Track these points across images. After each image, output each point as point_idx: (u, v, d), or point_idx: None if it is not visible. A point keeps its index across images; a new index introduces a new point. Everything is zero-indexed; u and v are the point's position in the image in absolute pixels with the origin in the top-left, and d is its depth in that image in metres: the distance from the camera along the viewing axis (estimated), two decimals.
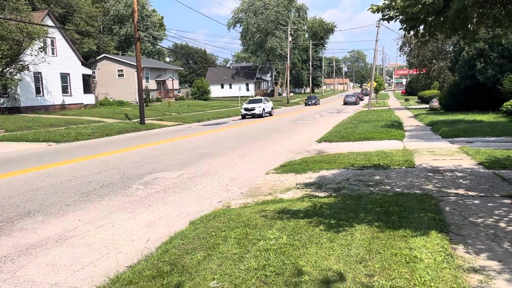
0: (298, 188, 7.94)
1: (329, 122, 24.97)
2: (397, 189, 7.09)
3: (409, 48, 37.06)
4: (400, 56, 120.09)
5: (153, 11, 66.87)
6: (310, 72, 79.86)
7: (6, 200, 7.64)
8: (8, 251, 5.13)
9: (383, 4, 5.76)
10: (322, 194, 7.12)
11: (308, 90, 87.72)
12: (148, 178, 9.61)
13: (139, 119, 26.94)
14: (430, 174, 8.19)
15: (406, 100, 54.05)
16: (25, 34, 29.08)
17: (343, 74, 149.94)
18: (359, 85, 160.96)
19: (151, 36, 60.93)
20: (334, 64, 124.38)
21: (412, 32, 5.59)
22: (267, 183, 8.84)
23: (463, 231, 4.77)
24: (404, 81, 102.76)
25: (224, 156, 12.91)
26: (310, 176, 8.95)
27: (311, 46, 77.96)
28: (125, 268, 4.49)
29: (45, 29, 30.81)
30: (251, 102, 34.17)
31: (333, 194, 7.00)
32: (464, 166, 8.86)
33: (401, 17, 5.58)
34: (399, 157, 10.23)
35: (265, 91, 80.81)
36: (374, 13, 5.88)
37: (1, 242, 5.45)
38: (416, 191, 6.84)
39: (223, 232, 5.00)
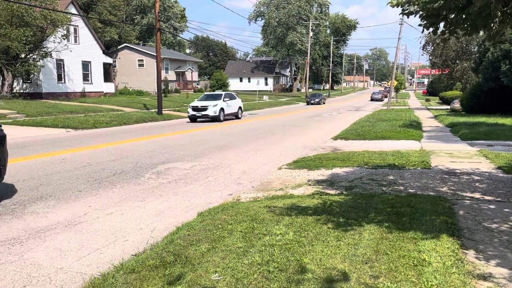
0: (310, 185, 7.86)
1: (346, 120, 24.72)
2: (411, 190, 6.94)
3: (432, 47, 36.35)
4: (422, 55, 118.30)
5: (175, 2, 67.09)
6: (330, 68, 79.14)
7: (21, 183, 7.76)
8: (18, 234, 5.20)
9: None
10: (333, 192, 7.02)
11: (328, 86, 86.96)
12: (160, 168, 9.65)
13: (156, 109, 27.14)
14: (446, 176, 8.00)
15: (427, 100, 53.12)
16: (49, 21, 29.53)
17: (364, 72, 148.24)
18: (379, 83, 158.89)
19: (172, 27, 61.19)
20: (355, 61, 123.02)
21: (431, 29, 5.43)
22: (279, 178, 8.78)
23: (475, 236, 4.64)
24: (426, 81, 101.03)
25: (238, 149, 12.88)
26: (323, 173, 8.85)
27: (332, 42, 77.17)
28: (130, 256, 4.50)
29: (69, 16, 31.23)
30: (204, 98, 24.60)
31: (345, 192, 6.90)
32: (482, 169, 8.63)
33: (421, 12, 5.43)
34: (415, 157, 10.03)
35: (283, 86, 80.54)
36: (393, 7, 5.73)
37: (12, 225, 5.53)
38: (430, 193, 6.69)
39: (229, 225, 4.96)
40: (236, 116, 25.61)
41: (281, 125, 21.47)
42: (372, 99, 57.58)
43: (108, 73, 41.13)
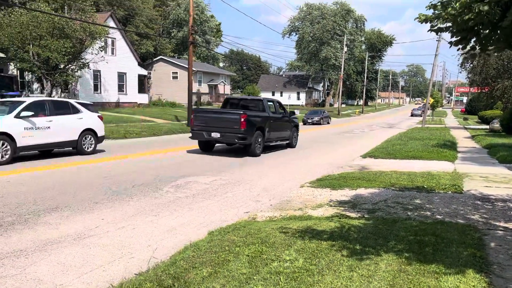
0: (331, 206, 7.51)
1: (378, 137, 24.05)
2: (438, 216, 6.48)
3: (471, 65, 35.08)
4: (460, 72, 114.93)
5: (211, 16, 68.22)
6: (364, 84, 78.02)
7: (41, 192, 7.80)
8: (26, 245, 5.14)
9: (433, 14, 5.28)
10: (354, 215, 6.66)
11: (361, 102, 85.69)
12: (181, 181, 9.53)
13: (187, 121, 27.34)
14: (479, 202, 7.46)
15: (465, 119, 51.29)
16: (87, 34, 30.53)
17: (400, 88, 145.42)
18: (414, 100, 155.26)
19: (208, 42, 62.13)
20: (390, 77, 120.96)
21: (460, 46, 5.06)
22: (300, 196, 8.47)
23: (506, 273, 4.19)
24: (464, 99, 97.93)
25: (262, 164, 12.65)
26: (346, 194, 8.48)
27: (367, 58, 76.20)
28: (133, 275, 4.33)
29: (107, 29, 32.18)
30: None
31: (366, 216, 6.52)
32: None
33: (451, 28, 5.08)
34: (446, 180, 9.49)
35: (316, 100, 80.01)
36: (421, 23, 5.41)
37: (22, 236, 5.49)
38: (459, 221, 6.21)
39: (237, 247, 4.71)
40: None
41: (309, 141, 21.09)
42: (412, 115, 63.43)
43: (143, 85, 42.04)
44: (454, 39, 5.11)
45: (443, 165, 12.47)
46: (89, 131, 13.17)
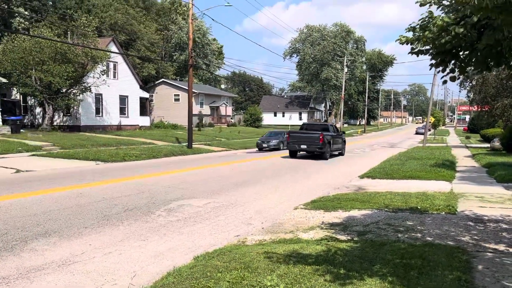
0: (322, 228, 7.46)
1: (378, 157, 24.00)
2: (428, 238, 6.41)
3: (470, 84, 35.20)
4: (460, 91, 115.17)
5: (213, 39, 69.18)
6: (366, 104, 78.33)
7: (30, 218, 7.79)
8: (9, 273, 5.11)
9: (413, 35, 5.34)
10: (343, 237, 6.60)
11: (364, 121, 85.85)
12: (174, 204, 9.51)
13: (187, 143, 27.42)
14: (471, 223, 7.38)
15: (467, 137, 51.14)
16: (89, 58, 31.01)
17: (402, 108, 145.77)
18: (415, 119, 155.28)
19: (207, 64, 62.80)
20: (392, 96, 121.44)
21: (440, 68, 5.10)
22: (292, 219, 8.41)
23: None
24: (467, 117, 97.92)
25: (258, 186, 12.62)
26: (339, 216, 8.42)
27: (368, 78, 76.70)
28: None
29: (108, 53, 32.67)
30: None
31: (355, 238, 6.46)
32: None
33: (430, 50, 5.13)
34: (441, 200, 9.41)
35: (318, 120, 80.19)
36: (402, 44, 5.47)
37: (7, 263, 5.46)
38: (449, 243, 6.14)
39: (219, 273, 4.67)
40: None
41: (309, 161, 21.05)
42: (417, 133, 63.82)
43: (144, 107, 42.38)
44: (433, 61, 5.16)
45: (440, 185, 12.40)
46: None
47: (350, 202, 9.51)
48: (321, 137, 20.93)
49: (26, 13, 40.70)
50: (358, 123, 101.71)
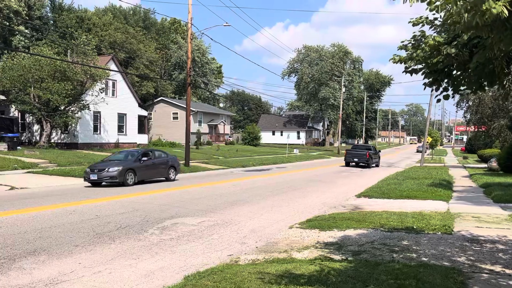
0: (317, 248, 7.36)
1: (376, 176, 23.93)
2: (424, 259, 6.32)
3: (467, 104, 35.43)
4: (457, 112, 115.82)
5: (213, 59, 69.81)
6: (364, 123, 78.59)
7: (20, 235, 7.68)
8: None
9: (407, 54, 5.37)
10: (338, 257, 6.49)
11: (361, 141, 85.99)
12: (167, 223, 9.40)
13: (184, 161, 27.33)
14: (467, 244, 7.29)
15: (465, 158, 51.18)
16: (88, 76, 31.18)
17: (400, 127, 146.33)
18: (411, 139, 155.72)
19: (205, 83, 63.21)
20: (390, 116, 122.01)
21: (434, 87, 5.11)
22: (287, 238, 8.31)
23: None
24: (464, 137, 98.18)
25: (254, 205, 12.51)
26: (334, 235, 8.32)
27: (365, 98, 77.19)
28: None
29: (107, 71, 32.87)
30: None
31: (350, 258, 6.36)
32: (510, 237, 7.84)
33: (423, 69, 5.15)
34: (437, 220, 9.33)
35: (316, 140, 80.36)
36: (396, 63, 5.49)
37: None
38: (445, 263, 6.05)
39: None
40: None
41: (306, 180, 20.98)
42: (418, 151, 66.66)
43: (143, 125, 42.41)
44: (426, 80, 5.17)
45: (436, 205, 12.31)
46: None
47: (346, 222, 9.42)
48: (367, 153, 31.96)
49: (27, 31, 41.12)
50: (356, 142, 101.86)
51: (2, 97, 27.96)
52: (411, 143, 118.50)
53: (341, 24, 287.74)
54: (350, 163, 32.40)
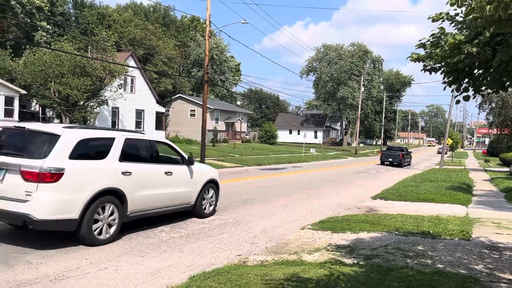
0: (328, 250, 7.17)
1: (393, 177, 23.51)
2: (439, 265, 6.07)
3: (489, 106, 34.54)
4: (479, 113, 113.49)
5: (231, 57, 69.89)
6: (383, 124, 77.57)
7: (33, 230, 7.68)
8: None
9: (425, 53, 5.13)
10: (349, 261, 6.30)
11: (380, 141, 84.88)
12: (178, 220, 9.32)
13: (199, 158, 27.36)
14: (486, 251, 7.00)
15: (486, 161, 49.95)
16: (107, 72, 31.48)
17: (419, 129, 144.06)
18: (436, 140, 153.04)
19: (223, 80, 63.27)
20: (409, 117, 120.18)
21: (454, 86, 4.86)
22: (298, 239, 8.14)
23: None
24: (486, 140, 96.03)
25: (266, 204, 12.36)
26: (347, 237, 8.11)
27: (385, 98, 76.11)
28: None
29: (126, 68, 33.14)
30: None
31: (361, 263, 6.16)
32: None
33: (443, 68, 4.91)
34: (455, 225, 9.02)
35: (333, 139, 79.68)
36: (414, 62, 5.25)
37: None
38: (461, 271, 5.79)
39: None
40: None
41: (322, 180, 20.72)
42: (438, 152, 64.28)
43: (160, 122, 42.70)
44: (446, 79, 4.92)
45: (455, 209, 11.95)
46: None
47: (360, 224, 9.19)
48: (400, 154, 35.60)
49: (49, 27, 41.79)
50: (374, 143, 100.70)
51: (23, 92, 28.40)
52: (428, 145, 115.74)
53: (361, 23, 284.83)
54: (385, 162, 36.10)
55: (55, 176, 6.36)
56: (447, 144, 40.44)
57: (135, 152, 8.10)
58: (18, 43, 38.31)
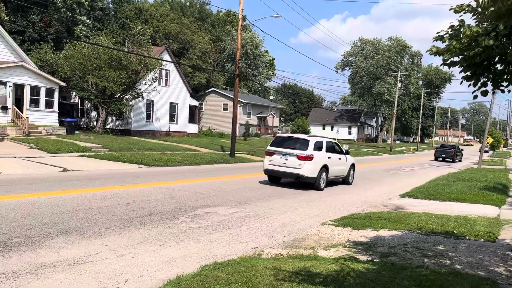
0: (345, 246, 7.11)
1: (427, 176, 22.90)
2: (457, 266, 5.90)
3: None
4: None
5: (266, 51, 69.77)
6: (420, 121, 75.43)
7: (58, 215, 8.04)
8: (20, 267, 5.24)
9: (445, 46, 4.96)
10: (363, 258, 6.22)
11: (417, 139, 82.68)
12: (200, 211, 9.48)
13: (230, 152, 27.61)
14: (510, 253, 6.73)
15: None
16: (142, 65, 32.21)
17: (459, 126, 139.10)
18: (478, 139, 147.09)
19: (254, 75, 63.25)
20: (449, 114, 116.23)
21: (472, 81, 4.68)
22: (317, 235, 8.11)
23: None
24: None
25: (290, 198, 12.35)
26: (367, 235, 8.01)
27: (423, 94, 73.93)
28: None
29: (161, 61, 33.79)
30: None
31: (375, 260, 6.07)
32: None
33: (461, 62, 4.73)
34: (482, 226, 8.71)
35: (368, 136, 78.29)
36: (433, 55, 5.10)
37: (22, 257, 5.61)
38: (480, 273, 5.60)
39: (217, 285, 4.51)
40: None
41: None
42: (479, 151, 65.32)
43: (193, 115, 43.30)
44: (463, 74, 4.75)
45: (486, 210, 11.53)
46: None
47: (381, 221, 9.04)
48: (453, 151, 41.19)
49: (89, 21, 43.14)
50: (411, 140, 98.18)
51: (63, 84, 29.54)
52: (465, 144, 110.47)
53: (401, 17, 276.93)
54: (439, 158, 41.57)
55: (310, 158, 14.19)
56: (487, 143, 38.88)
57: (330, 147, 15.71)
58: (59, 37, 39.78)
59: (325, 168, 14.66)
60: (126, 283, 5.03)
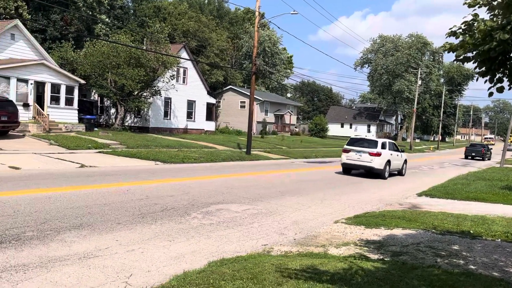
0: (356, 245, 7.01)
1: (446, 175, 22.47)
2: (471, 266, 5.74)
3: None
4: None
5: (284, 49, 69.54)
6: (441, 119, 74.08)
7: (72, 210, 8.16)
8: (30, 260, 5.33)
9: (459, 42, 4.82)
10: (374, 257, 6.12)
11: (437, 137, 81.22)
12: (212, 208, 9.50)
13: (246, 149, 27.62)
14: None
15: None
16: (160, 63, 32.48)
17: (482, 125, 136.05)
18: (502, 138, 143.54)
19: (271, 72, 63.07)
20: (471, 113, 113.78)
21: (488, 77, 4.53)
22: (329, 232, 8.03)
23: None
24: None
25: (303, 196, 12.27)
26: (380, 233, 7.89)
27: (444, 92, 72.54)
28: None
29: (178, 59, 34.00)
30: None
31: (386, 259, 5.96)
32: None
33: (475, 58, 4.58)
34: (500, 226, 8.48)
35: (388, 134, 77.23)
36: (447, 52, 4.97)
37: (33, 251, 5.71)
38: (494, 273, 5.45)
39: (223, 281, 4.49)
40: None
41: (366, 175, 20.19)
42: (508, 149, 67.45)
43: (211, 112, 43.46)
44: (478, 69, 4.60)
45: (506, 210, 11.23)
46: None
47: (395, 220, 8.89)
48: (482, 150, 43.51)
49: (108, 20, 43.71)
50: (432, 138, 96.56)
51: (82, 81, 30.01)
52: (487, 143, 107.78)
53: (423, 14, 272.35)
54: (468, 156, 43.59)
55: (379, 154, 18.38)
56: (510, 141, 37.89)
57: (391, 147, 19.75)
58: (79, 36, 40.42)
59: (388, 162, 18.94)
60: (134, 278, 5.06)
